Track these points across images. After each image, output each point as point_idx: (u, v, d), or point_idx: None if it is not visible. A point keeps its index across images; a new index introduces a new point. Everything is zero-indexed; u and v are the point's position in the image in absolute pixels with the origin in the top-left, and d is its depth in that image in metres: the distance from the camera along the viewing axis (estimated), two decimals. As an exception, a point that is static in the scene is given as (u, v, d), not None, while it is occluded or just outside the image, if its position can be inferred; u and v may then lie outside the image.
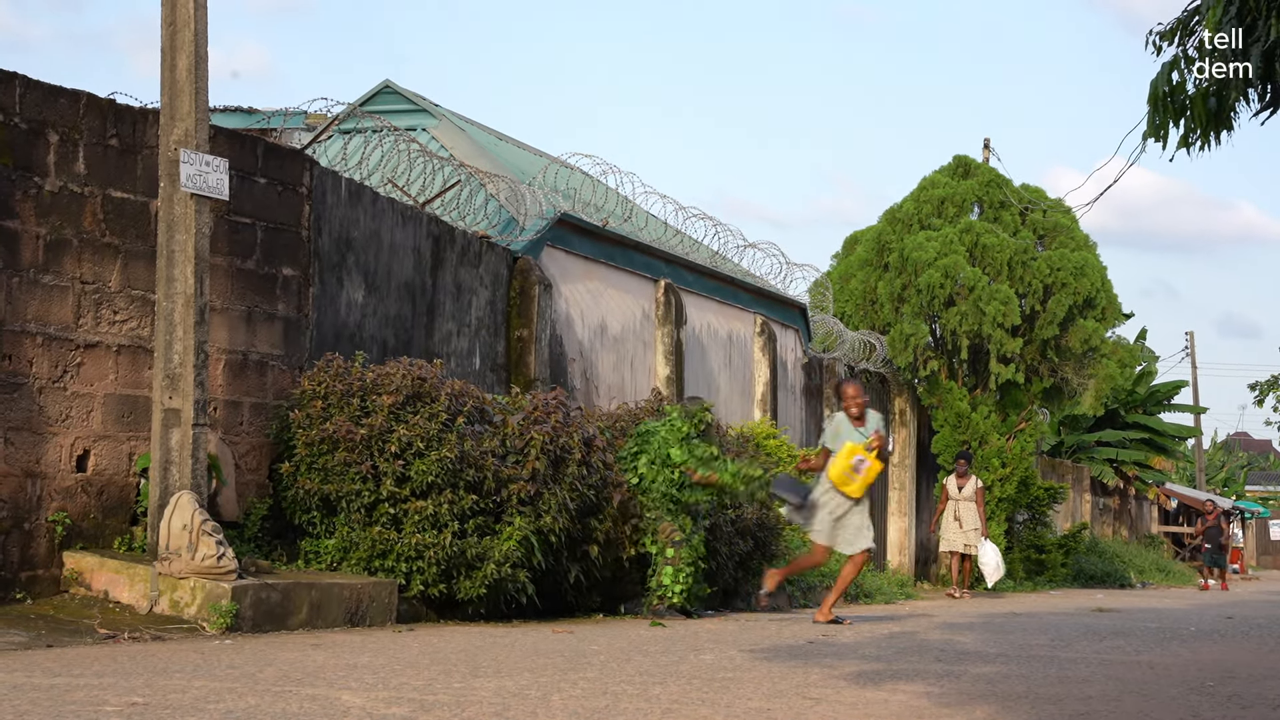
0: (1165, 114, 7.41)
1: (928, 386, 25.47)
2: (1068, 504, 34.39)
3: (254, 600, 8.91)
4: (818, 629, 11.26)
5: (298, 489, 10.38)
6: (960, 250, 24.82)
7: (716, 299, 19.63)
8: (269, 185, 10.83)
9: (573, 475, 10.99)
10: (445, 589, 10.36)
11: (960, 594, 21.18)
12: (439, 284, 13.22)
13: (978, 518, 21.63)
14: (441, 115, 17.96)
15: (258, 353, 10.68)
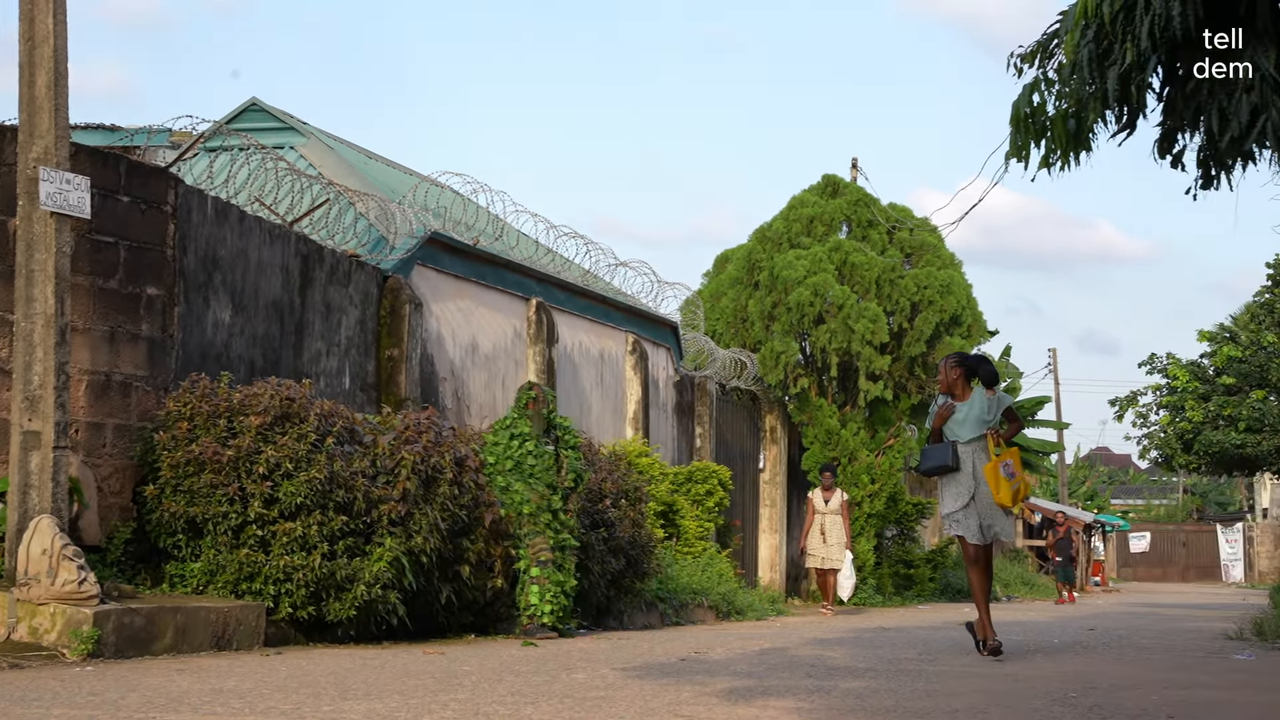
0: (1027, 135, 7.57)
1: (798, 404, 25.68)
2: (935, 519, 34.85)
3: (117, 625, 8.73)
4: (689, 646, 11.28)
5: (163, 512, 10.21)
6: (829, 269, 25.08)
7: (588, 317, 19.64)
8: (133, 203, 10.65)
9: (444, 495, 10.93)
10: (314, 611, 10.24)
11: (828, 610, 21.03)
12: (308, 303, 13.09)
13: (843, 531, 21.38)
14: (310, 133, 17.79)
15: (121, 374, 10.49)
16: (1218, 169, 7.35)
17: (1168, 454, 35.74)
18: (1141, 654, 11.60)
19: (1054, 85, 7.47)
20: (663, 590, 16.52)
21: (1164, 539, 62.16)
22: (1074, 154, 7.55)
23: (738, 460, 24.08)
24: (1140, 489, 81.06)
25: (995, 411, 10.69)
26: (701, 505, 20.19)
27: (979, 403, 10.72)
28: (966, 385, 10.84)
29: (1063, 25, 7.37)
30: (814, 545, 21.50)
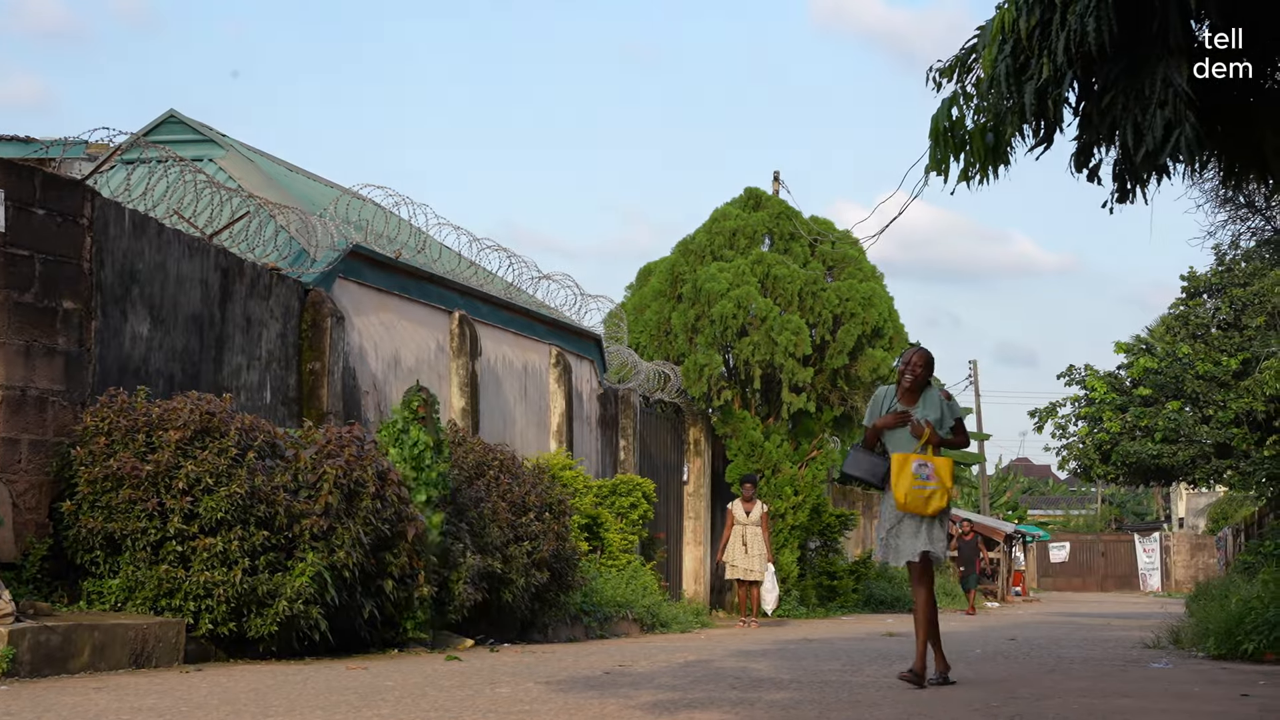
0: (946, 148, 7.64)
1: (721, 416, 25.76)
2: (858, 531, 35.06)
3: (32, 643, 8.60)
4: (613, 659, 11.28)
5: (80, 528, 10.07)
6: (752, 281, 25.19)
7: (512, 330, 19.61)
8: (48, 216, 10.52)
9: (366, 509, 10.86)
10: (235, 627, 10.13)
11: (750, 623, 20.74)
12: (228, 316, 12.97)
13: (764, 543, 21.01)
14: (229, 145, 17.65)
15: (37, 388, 10.35)
16: (1133, 182, 7.44)
17: (1086, 464, 36.18)
18: (1062, 664, 11.72)
19: (972, 99, 7.55)
20: (587, 603, 16.50)
21: (1083, 549, 62.86)
22: (993, 167, 7.63)
23: (662, 472, 24.11)
24: (1060, 499, 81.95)
25: (947, 421, 9.49)
26: (626, 518, 20.19)
27: (932, 409, 9.49)
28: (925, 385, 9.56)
29: (980, 40, 7.45)
30: (735, 557, 21.10)
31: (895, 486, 9.23)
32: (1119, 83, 6.93)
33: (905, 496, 9.19)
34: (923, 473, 9.24)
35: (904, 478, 9.22)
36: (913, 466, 9.24)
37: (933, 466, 9.27)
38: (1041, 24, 6.90)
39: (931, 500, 9.21)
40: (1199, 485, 36.86)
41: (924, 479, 9.22)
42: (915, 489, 9.19)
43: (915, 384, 9.47)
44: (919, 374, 9.49)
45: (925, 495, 9.21)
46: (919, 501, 9.21)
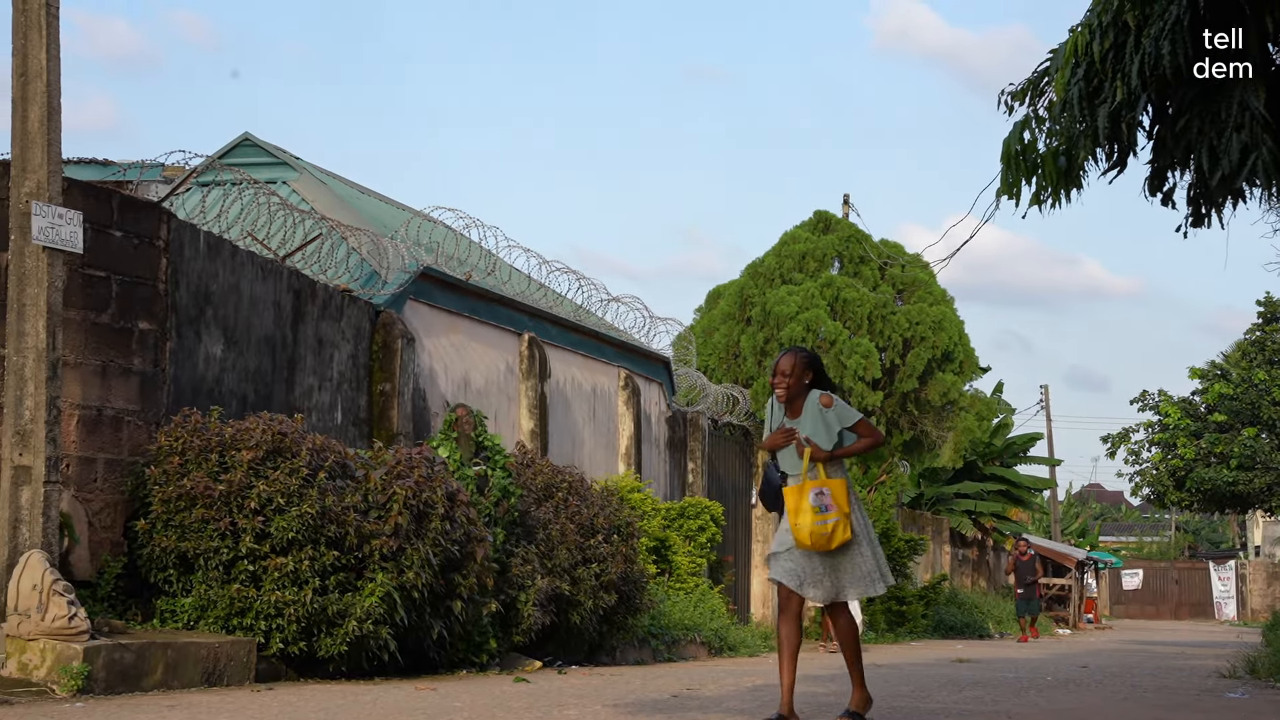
0: (1018, 172, 7.60)
1: (790, 439, 25.65)
2: (928, 555, 34.83)
3: (107, 661, 8.69)
4: (681, 682, 11.25)
5: (153, 547, 10.17)
6: (821, 304, 25.13)
7: (581, 353, 19.64)
8: (125, 238, 10.66)
9: (436, 530, 10.89)
10: (306, 647, 10.19)
11: (831, 648, 20.45)
12: (300, 338, 13.08)
13: None
14: (302, 168, 17.82)
15: (113, 408, 10.47)
16: (1208, 207, 7.38)
17: (1160, 491, 35.74)
18: (1135, 691, 11.58)
19: (1044, 123, 7.50)
20: (655, 626, 16.48)
21: (1156, 576, 62.10)
22: (1065, 191, 7.58)
23: (730, 496, 24.06)
24: (1132, 526, 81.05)
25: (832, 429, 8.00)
26: (694, 541, 20.15)
27: (811, 418, 8.03)
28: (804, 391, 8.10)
29: (1053, 63, 7.41)
30: None
31: (795, 525, 7.85)
32: (1194, 106, 6.88)
33: (810, 537, 7.79)
34: (821, 503, 7.83)
35: (803, 512, 7.83)
36: (810, 498, 7.84)
37: (829, 492, 7.84)
38: (1115, 47, 6.86)
39: (836, 534, 7.78)
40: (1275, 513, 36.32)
41: (823, 510, 7.81)
42: (818, 525, 7.78)
43: (788, 396, 8.03)
44: (789, 385, 8.02)
45: (828, 531, 7.78)
46: (822, 541, 7.78)
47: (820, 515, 7.78)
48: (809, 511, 7.78)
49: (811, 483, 7.82)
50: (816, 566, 7.89)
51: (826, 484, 7.82)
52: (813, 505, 7.78)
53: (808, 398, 8.03)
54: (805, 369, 8.04)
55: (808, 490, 7.81)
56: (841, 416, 8.00)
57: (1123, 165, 7.43)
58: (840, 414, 8.00)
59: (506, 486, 12.79)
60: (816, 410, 7.98)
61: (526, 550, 12.89)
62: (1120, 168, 7.42)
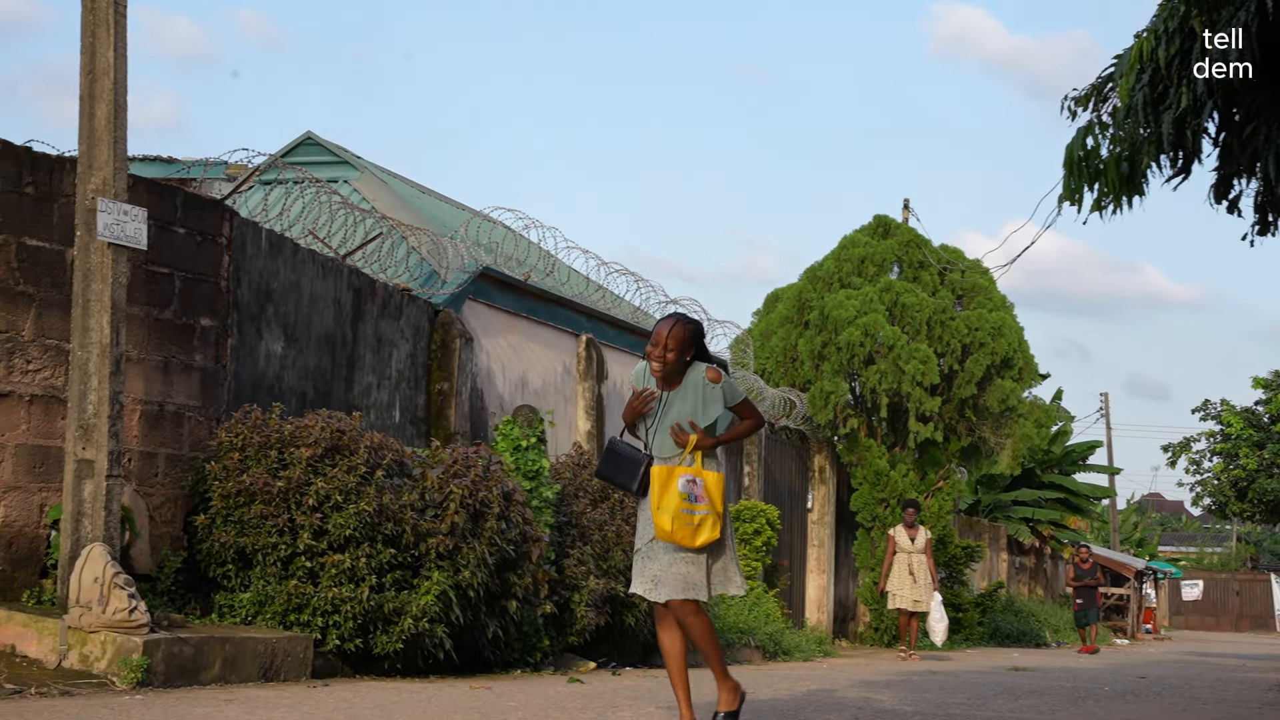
0: (1080, 178, 7.55)
1: (847, 444, 25.59)
2: (984, 562, 34.63)
3: (166, 654, 8.77)
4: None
5: (213, 542, 10.26)
6: (880, 309, 25.03)
7: (638, 355, 19.65)
8: (188, 235, 10.75)
9: (492, 529, 10.93)
10: (362, 643, 10.25)
11: (910, 654, 19.66)
12: (359, 336, 13.16)
13: (928, 571, 20.04)
14: (364, 167, 17.92)
15: (174, 403, 10.57)
16: (1275, 214, 7.31)
17: (1221, 501, 35.38)
18: (1193, 704, 11.47)
19: (1108, 129, 7.45)
20: (709, 629, 16.44)
21: (1217, 587, 61.47)
22: (1127, 197, 7.52)
23: (786, 500, 24.01)
24: (1193, 536, 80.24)
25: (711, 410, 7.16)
26: (749, 544, 20.12)
27: (694, 394, 7.17)
28: (685, 366, 7.23)
29: (1117, 69, 7.35)
30: (902, 586, 20.00)
31: (658, 509, 6.97)
32: (1262, 113, 6.81)
33: (671, 524, 6.93)
34: (692, 492, 6.95)
35: (669, 496, 6.97)
36: (680, 483, 6.96)
37: (703, 484, 6.98)
38: (1181, 53, 6.80)
39: (701, 531, 6.94)
40: (1339, 525, 35.88)
41: (693, 500, 6.95)
42: (683, 514, 6.93)
43: (666, 372, 7.15)
44: (669, 360, 7.13)
45: (694, 524, 6.94)
46: (686, 532, 6.94)
47: (688, 505, 6.93)
48: (676, 497, 6.93)
49: (685, 469, 6.99)
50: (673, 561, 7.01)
51: (701, 474, 6.98)
52: (681, 491, 6.94)
53: (691, 370, 7.18)
54: (690, 343, 7.16)
55: (679, 474, 6.97)
56: (731, 394, 7.16)
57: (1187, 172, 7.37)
58: (728, 392, 7.16)
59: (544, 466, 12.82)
60: (701, 386, 7.13)
61: (581, 551, 12.91)
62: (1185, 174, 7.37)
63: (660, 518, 6.92)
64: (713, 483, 6.97)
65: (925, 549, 20.20)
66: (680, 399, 7.12)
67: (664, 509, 6.91)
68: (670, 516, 6.89)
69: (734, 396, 7.17)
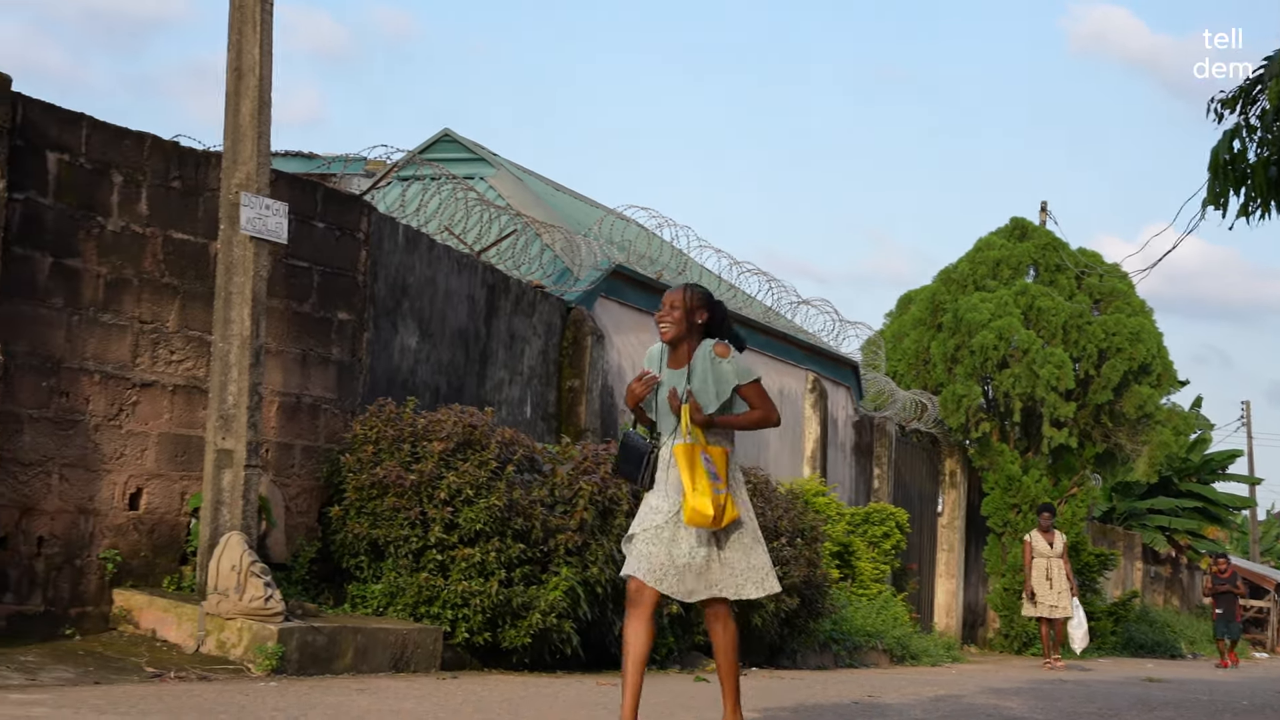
0: (1226, 182, 7.39)
1: (979, 448, 25.33)
2: (1119, 571, 34.04)
3: (300, 643, 8.92)
4: (862, 689, 11.17)
5: (346, 533, 10.41)
6: (1015, 312, 24.74)
7: (768, 354, 19.60)
8: (327, 230, 10.92)
9: (620, 527, 10.96)
10: (490, 637, 10.34)
11: (1055, 663, 18.97)
12: (492, 332, 13.27)
13: (1065, 577, 19.37)
14: (499, 164, 18.07)
15: (311, 396, 10.74)
16: None
17: (1366, 513, 34.40)
18: (1334, 720, 11.18)
19: (1255, 132, 7.29)
20: (836, 632, 16.38)
21: (1360, 601, 59.81)
22: (1275, 202, 7.35)
23: (915, 503, 23.81)
24: (1336, 549, 78.13)
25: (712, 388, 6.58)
26: (878, 547, 19.99)
27: (700, 370, 6.61)
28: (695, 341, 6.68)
29: (1267, 71, 7.19)
30: (1040, 592, 19.37)
31: (693, 490, 6.33)
32: None
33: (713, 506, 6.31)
34: (710, 469, 6.39)
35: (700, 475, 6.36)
36: (703, 463, 6.38)
37: (712, 459, 6.44)
38: (1334, 54, 6.63)
39: (728, 508, 6.37)
40: None
41: (714, 478, 6.38)
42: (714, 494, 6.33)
43: (675, 337, 6.62)
44: (678, 321, 6.61)
45: (722, 503, 6.35)
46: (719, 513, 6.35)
47: (713, 483, 6.33)
48: (705, 475, 6.32)
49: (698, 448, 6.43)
50: (693, 552, 6.41)
51: (708, 450, 6.43)
52: (705, 469, 6.35)
53: (699, 345, 6.62)
54: (699, 306, 6.63)
55: (696, 454, 6.38)
56: (740, 372, 6.55)
57: (1339, 176, 7.19)
58: (738, 369, 6.56)
59: None
60: (708, 360, 6.56)
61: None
62: (1336, 179, 7.18)
63: (699, 501, 6.27)
64: (719, 458, 6.41)
65: (1062, 554, 19.56)
66: (683, 376, 6.60)
67: (700, 490, 6.29)
68: (709, 499, 6.27)
69: (744, 375, 6.55)
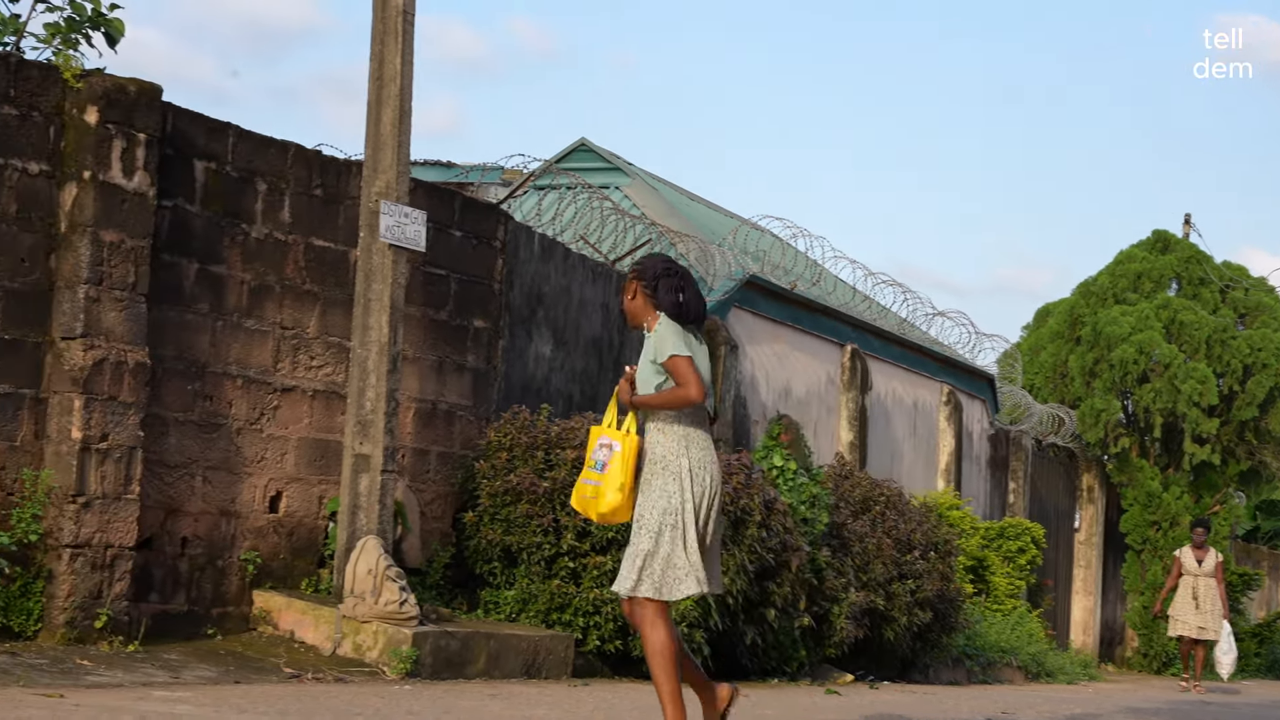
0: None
1: (1117, 464, 24.90)
2: (1263, 592, 33.22)
3: (434, 647, 9.00)
4: (996, 705, 11.01)
5: (480, 539, 10.48)
6: (1156, 326, 24.30)
7: (903, 366, 19.44)
8: (464, 238, 11.02)
9: (752, 538, 10.92)
10: (621, 645, 10.35)
11: (1194, 686, 18.06)
12: (626, 341, 13.30)
13: (1218, 597, 18.24)
14: (635, 174, 18.12)
15: (446, 402, 10.84)
16: None
17: None
18: None
19: None
20: (970, 647, 16.18)
21: None
22: None
23: (1051, 518, 23.46)
24: None
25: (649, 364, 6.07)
26: (1013, 562, 19.72)
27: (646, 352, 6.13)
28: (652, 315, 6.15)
29: None
30: (1183, 611, 18.32)
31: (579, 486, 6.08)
32: None
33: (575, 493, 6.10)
34: (598, 458, 5.99)
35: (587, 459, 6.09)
36: (594, 447, 6.04)
37: (617, 449, 5.94)
38: None
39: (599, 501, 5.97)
40: None
41: (597, 467, 5.98)
42: (582, 482, 6.02)
43: (635, 324, 6.22)
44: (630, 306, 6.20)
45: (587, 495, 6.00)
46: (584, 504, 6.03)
47: (589, 470, 5.98)
48: (588, 462, 6.03)
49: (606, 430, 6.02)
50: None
51: (623, 439, 5.94)
52: (591, 458, 6.01)
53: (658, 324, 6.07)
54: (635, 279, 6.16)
55: (595, 438, 6.03)
56: (659, 346, 6.00)
57: None
58: (658, 343, 6.01)
59: (815, 494, 12.68)
60: (651, 338, 6.07)
61: (841, 563, 12.81)
62: None
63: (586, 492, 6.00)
64: (629, 449, 5.92)
65: (1215, 572, 18.42)
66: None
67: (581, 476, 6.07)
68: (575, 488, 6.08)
69: (659, 350, 5.99)
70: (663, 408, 5.93)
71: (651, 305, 6.06)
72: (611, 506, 5.88)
